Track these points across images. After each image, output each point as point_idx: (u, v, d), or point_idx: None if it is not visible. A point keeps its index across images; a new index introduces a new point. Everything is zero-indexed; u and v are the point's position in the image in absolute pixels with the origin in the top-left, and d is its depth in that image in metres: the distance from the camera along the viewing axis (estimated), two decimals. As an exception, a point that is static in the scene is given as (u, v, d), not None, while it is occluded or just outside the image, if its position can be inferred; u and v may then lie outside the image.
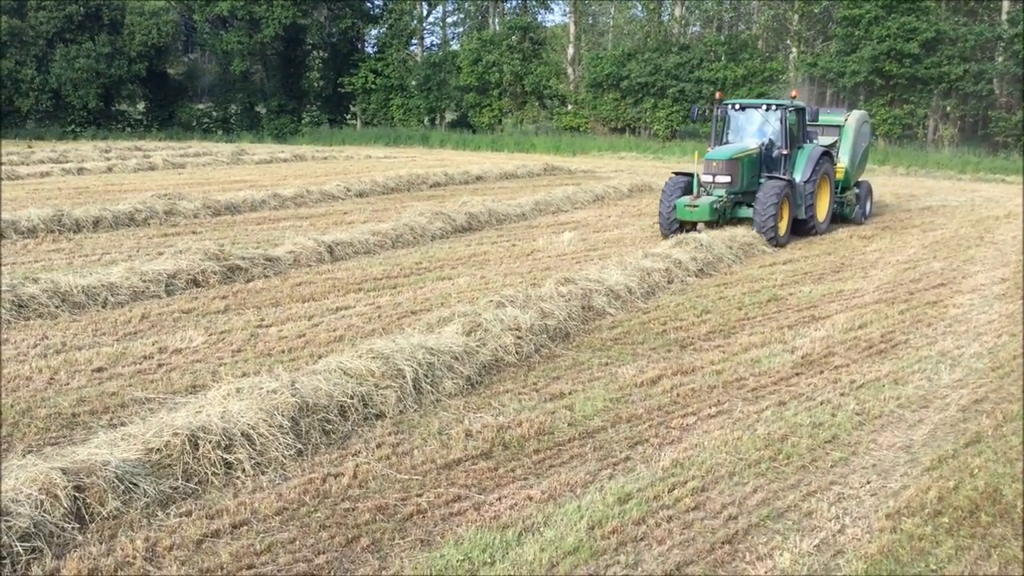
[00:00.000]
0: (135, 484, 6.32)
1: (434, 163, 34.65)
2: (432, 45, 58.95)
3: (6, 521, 5.64)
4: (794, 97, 18.91)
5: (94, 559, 5.61)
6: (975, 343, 10.88)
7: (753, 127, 18.66)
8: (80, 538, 5.85)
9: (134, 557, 5.66)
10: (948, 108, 41.07)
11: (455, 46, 56.20)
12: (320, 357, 9.42)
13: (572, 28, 52.38)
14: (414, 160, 36.63)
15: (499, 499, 6.62)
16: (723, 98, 19.19)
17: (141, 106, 54.12)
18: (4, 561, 5.50)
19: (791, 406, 8.64)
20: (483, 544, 5.91)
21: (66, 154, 33.63)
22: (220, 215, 19.81)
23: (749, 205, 17.72)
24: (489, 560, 5.74)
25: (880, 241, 18.31)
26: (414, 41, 56.28)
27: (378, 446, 7.46)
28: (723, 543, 6.05)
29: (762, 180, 17.79)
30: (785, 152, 18.22)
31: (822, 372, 9.71)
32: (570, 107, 49.71)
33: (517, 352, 9.84)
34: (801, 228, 18.47)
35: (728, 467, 7.21)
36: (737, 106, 18.89)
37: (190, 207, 19.52)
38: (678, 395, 8.89)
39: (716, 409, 8.53)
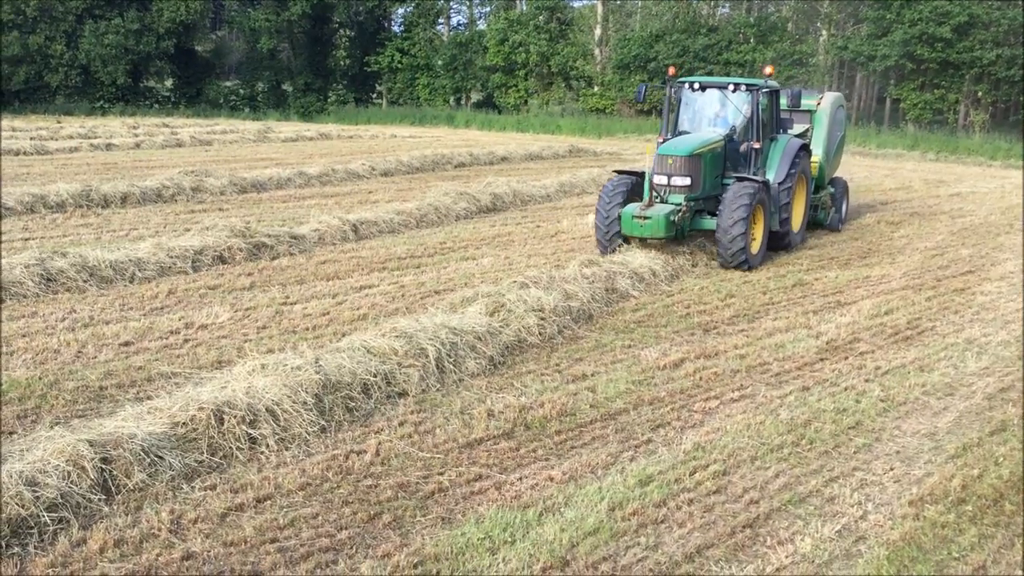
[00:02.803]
0: (161, 457, 6.39)
1: (459, 143, 34.61)
2: (459, 24, 58.80)
3: (34, 491, 5.72)
4: (769, 75, 15.03)
5: (120, 530, 5.69)
6: (1002, 331, 10.77)
7: (714, 112, 14.98)
8: (106, 509, 5.93)
9: (159, 529, 5.73)
10: (979, 93, 40.54)
11: (482, 26, 55.96)
12: (344, 335, 9.47)
13: (600, 8, 52.02)
14: (439, 140, 36.59)
15: (520, 479, 6.64)
16: (676, 75, 15.33)
17: (169, 83, 54.35)
18: (32, 531, 5.58)
19: (815, 391, 8.60)
20: (504, 523, 5.94)
21: (95, 130, 33.84)
22: (246, 192, 19.89)
23: (711, 214, 14.02)
24: (509, 539, 5.77)
25: (908, 227, 18.14)
26: (441, 20, 56.17)
27: (400, 424, 7.50)
28: (744, 527, 6.05)
29: (728, 182, 14.09)
30: (756, 146, 14.47)
31: (847, 358, 9.65)
32: (596, 89, 49.45)
33: (540, 333, 9.85)
34: (773, 242, 14.84)
35: (750, 451, 7.20)
36: (695, 85, 14.95)
37: (217, 184, 19.62)
38: (701, 379, 8.87)
39: (739, 393, 8.51)
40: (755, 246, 13.85)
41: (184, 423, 6.78)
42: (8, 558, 5.34)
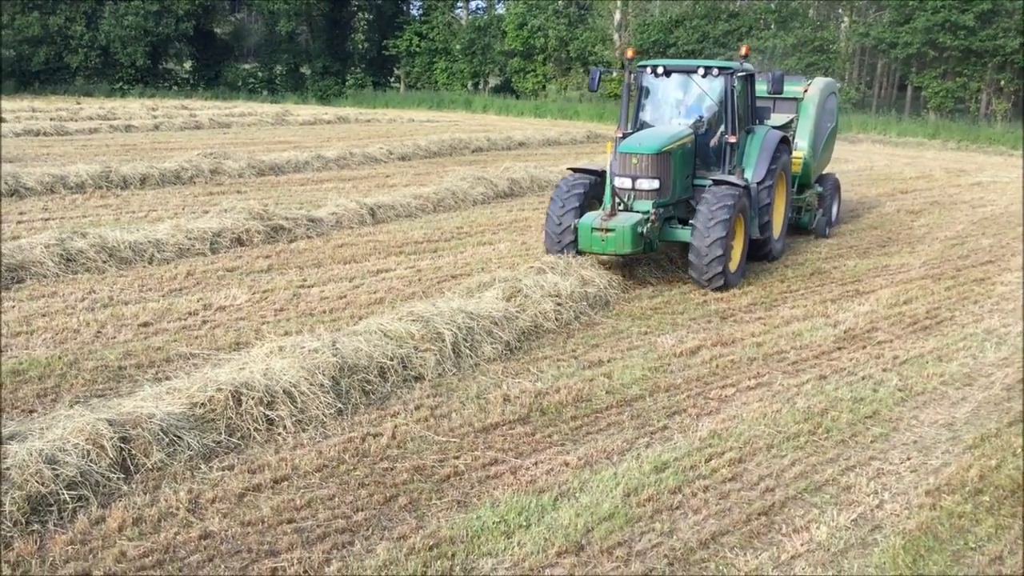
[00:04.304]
0: (179, 437, 6.43)
1: (477, 128, 34.56)
2: (477, 8, 58.63)
3: (54, 469, 5.77)
4: (745, 56, 12.72)
5: (138, 509, 5.74)
6: (1022, 321, 10.70)
7: (682, 101, 12.87)
8: (125, 488, 5.98)
9: (177, 508, 5.78)
10: (1002, 82, 40.10)
11: (500, 10, 55.74)
12: (361, 318, 9.50)
13: (619, -7, 51.73)
14: (457, 124, 36.55)
15: (535, 464, 6.65)
16: (636, 57, 13.18)
17: (188, 65, 54.49)
18: (51, 508, 5.64)
19: (832, 380, 8.57)
20: (519, 507, 5.95)
21: (114, 111, 33.97)
22: (264, 175, 19.95)
23: (683, 221, 12.02)
24: (524, 523, 5.79)
25: (928, 216, 18.01)
26: (459, 4, 55.98)
27: (417, 408, 7.52)
28: (759, 514, 6.04)
29: (702, 183, 12.16)
30: (732, 140, 12.34)
31: (865, 347, 9.61)
32: (615, 74, 49.18)
33: (557, 319, 9.85)
34: (751, 252, 12.74)
35: (766, 439, 7.19)
36: (659, 70, 12.62)
37: (235, 166, 19.68)
38: (717, 366, 8.86)
39: (756, 381, 8.49)
40: (734, 261, 11.77)
41: (202, 404, 6.83)
42: (28, 535, 5.40)
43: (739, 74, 12.39)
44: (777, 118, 14.92)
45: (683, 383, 8.37)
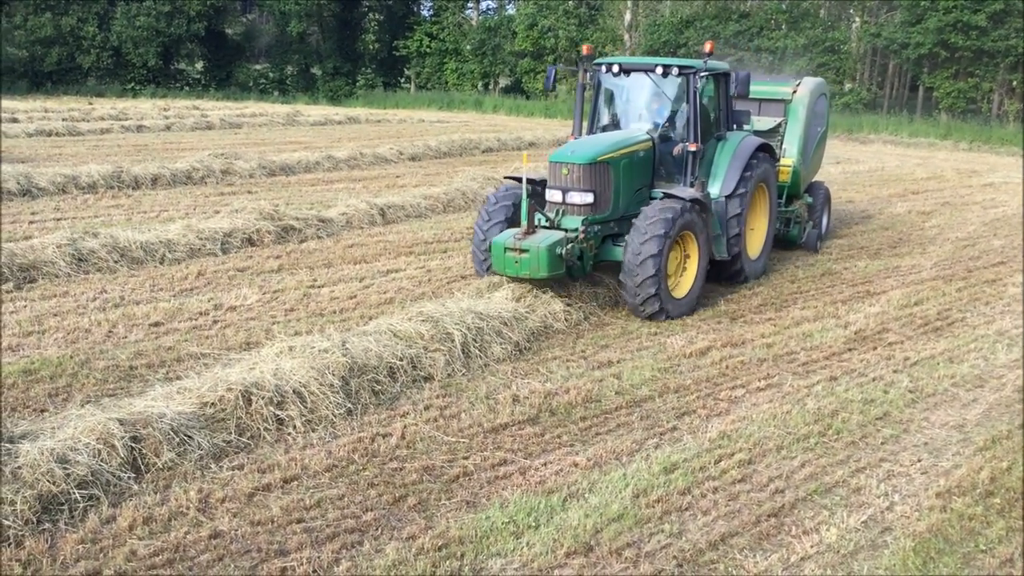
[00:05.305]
0: (189, 436, 6.46)
1: (487, 128, 34.57)
2: (488, 9, 58.60)
3: (65, 468, 5.80)
4: (709, 53, 11.04)
5: (149, 508, 5.76)
6: (1034, 323, 10.66)
7: (645, 104, 11.61)
8: (136, 487, 6.01)
9: (187, 507, 5.80)
10: (1014, 82, 39.91)
11: (511, 10, 55.73)
12: (370, 318, 9.52)
13: (630, -7, 51.67)
14: (467, 125, 36.56)
15: (545, 464, 6.65)
16: (592, 53, 12.20)
17: (199, 65, 54.63)
18: (62, 507, 5.66)
19: (842, 381, 8.55)
20: (528, 508, 5.96)
21: (126, 111, 34.09)
22: (275, 175, 19.99)
23: None
24: (534, 524, 5.79)
25: (939, 217, 17.94)
26: (470, 5, 56.00)
27: (426, 408, 7.53)
28: (769, 516, 6.03)
29: (659, 196, 10.62)
30: (693, 148, 10.97)
31: (875, 348, 9.58)
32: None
33: (566, 319, 9.85)
34: (721, 273, 11.68)
35: (776, 440, 7.17)
36: (615, 68, 11.41)
37: (246, 167, 19.73)
38: (727, 367, 8.84)
39: (765, 382, 8.48)
40: (682, 287, 10.55)
41: (213, 403, 6.85)
42: (39, 534, 5.42)
43: (703, 74, 11.02)
44: (763, 122, 13.75)
45: (693, 384, 8.36)
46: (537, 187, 10.74)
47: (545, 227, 10.12)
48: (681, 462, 6.72)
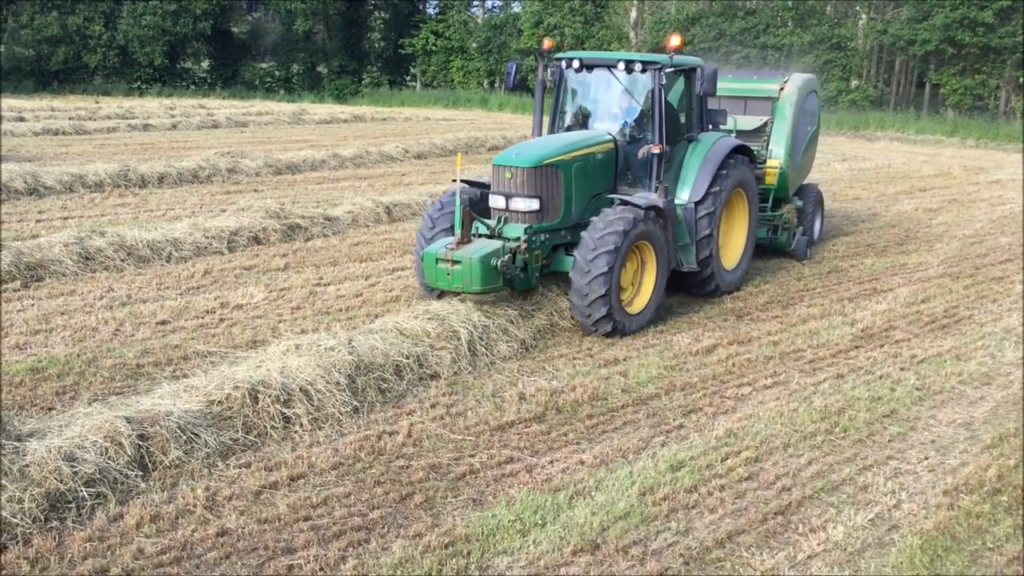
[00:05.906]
0: (196, 434, 6.47)
1: (493, 126, 34.56)
2: (493, 7, 58.52)
3: (72, 466, 5.82)
4: (677, 49, 10.18)
5: (156, 506, 5.78)
6: (1042, 321, 10.63)
7: (610, 102, 10.87)
8: (143, 485, 6.02)
9: (195, 505, 5.81)
10: (1021, 79, 39.80)
11: (516, 8, 55.69)
12: (377, 316, 9.53)
13: (635, -9, 51.60)
14: (473, 123, 36.56)
15: (551, 462, 6.65)
16: (554, 48, 11.31)
17: (205, 64, 54.66)
18: (70, 505, 5.68)
19: (849, 379, 8.53)
20: (534, 505, 5.96)
21: (132, 110, 34.12)
22: (281, 174, 20.01)
23: None
24: (540, 521, 5.79)
25: (946, 214, 17.89)
26: (475, 3, 55.98)
27: (432, 406, 7.54)
28: (776, 514, 6.03)
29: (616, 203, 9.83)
30: (656, 150, 10.19)
31: (882, 346, 9.56)
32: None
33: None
34: (689, 285, 10.93)
35: (783, 438, 7.17)
36: (576, 64, 10.71)
37: (252, 165, 19.75)
38: (733, 365, 8.84)
39: (772, 380, 8.47)
40: (638, 302, 9.84)
41: (219, 401, 6.87)
42: (47, 531, 5.44)
43: (668, 70, 10.22)
44: (747, 121, 13.17)
45: (699, 381, 8.36)
46: (487, 191, 9.98)
47: (484, 235, 9.48)
48: (688, 460, 6.71)
